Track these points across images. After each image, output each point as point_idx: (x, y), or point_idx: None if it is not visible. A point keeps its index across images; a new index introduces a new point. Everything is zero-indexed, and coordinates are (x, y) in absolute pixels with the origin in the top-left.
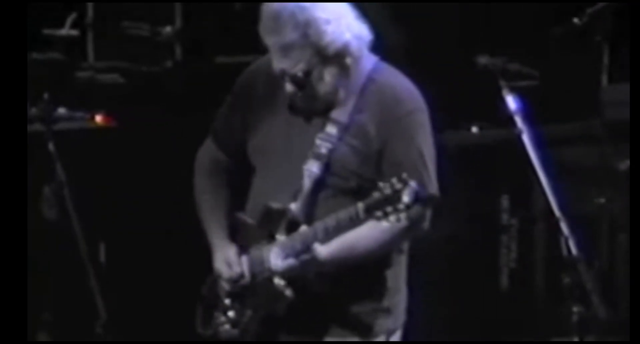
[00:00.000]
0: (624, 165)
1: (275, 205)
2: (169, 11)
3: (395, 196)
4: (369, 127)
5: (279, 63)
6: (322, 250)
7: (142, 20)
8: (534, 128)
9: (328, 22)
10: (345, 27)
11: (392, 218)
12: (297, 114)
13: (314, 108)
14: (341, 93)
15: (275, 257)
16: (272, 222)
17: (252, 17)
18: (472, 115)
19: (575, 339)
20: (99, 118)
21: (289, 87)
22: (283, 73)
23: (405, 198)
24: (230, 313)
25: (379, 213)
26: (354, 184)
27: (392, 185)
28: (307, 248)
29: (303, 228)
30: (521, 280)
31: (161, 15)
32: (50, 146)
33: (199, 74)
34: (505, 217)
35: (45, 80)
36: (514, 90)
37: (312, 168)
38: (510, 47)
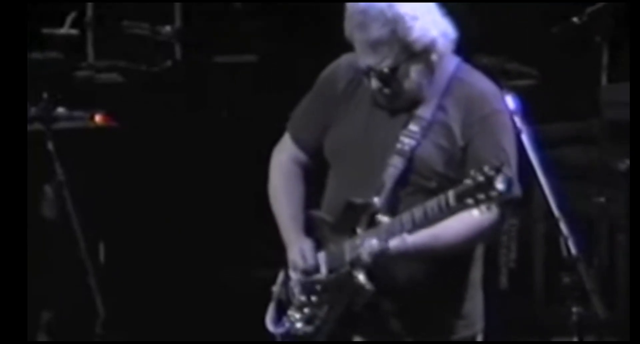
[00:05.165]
0: (624, 165)
1: (358, 200)
2: (168, 11)
3: (488, 183)
4: (453, 125)
5: (365, 59)
6: (407, 237)
7: (142, 19)
8: (533, 128)
9: (415, 18)
10: (432, 24)
11: (483, 206)
12: (381, 111)
13: (398, 104)
14: (425, 91)
15: (363, 244)
16: (354, 217)
17: (252, 17)
18: None
19: (575, 339)
20: (98, 118)
21: (374, 83)
22: (369, 69)
23: (499, 185)
24: (306, 310)
25: (470, 201)
26: (435, 183)
27: (484, 173)
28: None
29: (388, 219)
30: (521, 280)
31: (161, 15)
32: (50, 145)
33: (198, 74)
34: None
35: (45, 80)
36: (513, 89)
37: (396, 164)
38: (510, 47)
